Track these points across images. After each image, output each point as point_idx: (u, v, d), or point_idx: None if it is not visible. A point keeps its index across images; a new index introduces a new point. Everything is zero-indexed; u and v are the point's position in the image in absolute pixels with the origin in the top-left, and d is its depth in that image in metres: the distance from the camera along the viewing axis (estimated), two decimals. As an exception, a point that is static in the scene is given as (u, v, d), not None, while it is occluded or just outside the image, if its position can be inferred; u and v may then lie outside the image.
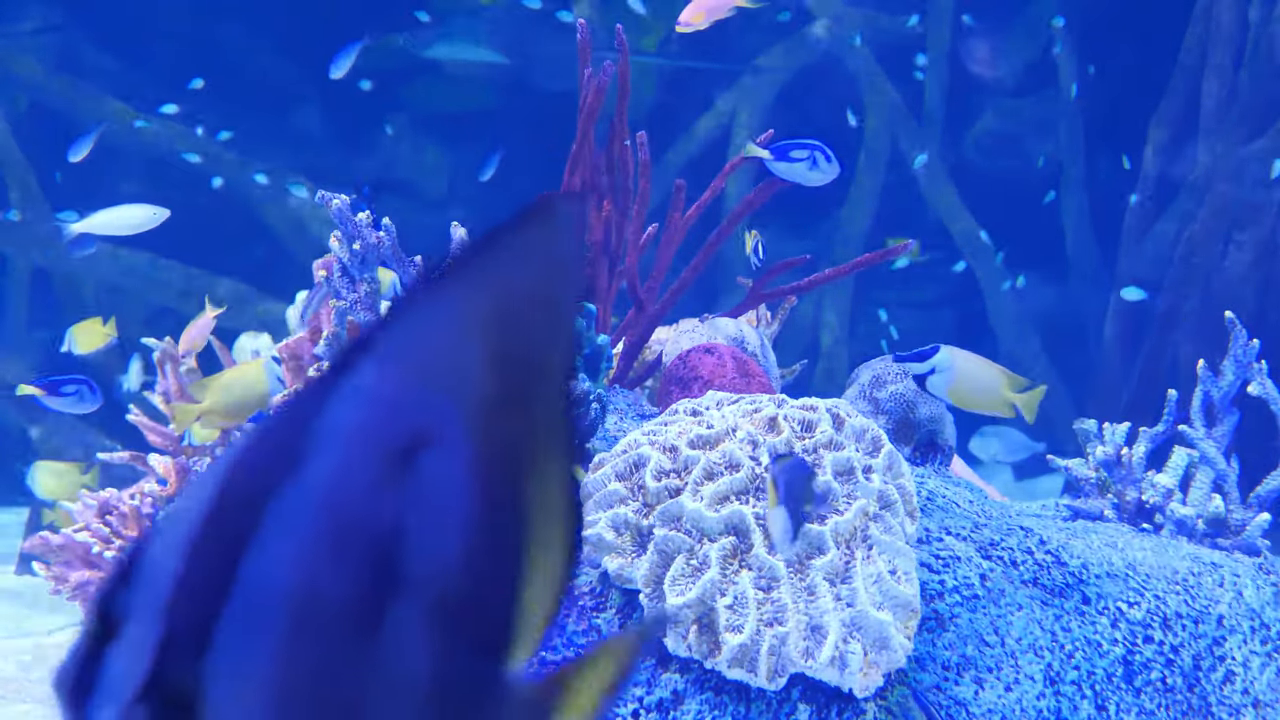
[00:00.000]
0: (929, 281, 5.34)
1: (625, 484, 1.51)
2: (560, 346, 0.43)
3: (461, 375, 0.42)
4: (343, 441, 0.40)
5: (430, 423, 0.41)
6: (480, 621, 0.42)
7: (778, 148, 2.14)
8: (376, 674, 0.40)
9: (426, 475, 0.41)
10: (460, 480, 0.41)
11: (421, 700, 0.41)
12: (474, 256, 0.41)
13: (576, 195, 0.43)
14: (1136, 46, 5.00)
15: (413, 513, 0.41)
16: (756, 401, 1.63)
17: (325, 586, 0.39)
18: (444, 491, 0.41)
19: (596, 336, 1.88)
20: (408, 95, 5.32)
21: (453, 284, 0.41)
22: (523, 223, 0.42)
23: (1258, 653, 1.72)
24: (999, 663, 1.55)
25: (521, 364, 0.42)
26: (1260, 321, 3.69)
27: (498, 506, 0.42)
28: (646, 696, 1.40)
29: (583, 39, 2.13)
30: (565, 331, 0.43)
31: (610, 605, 1.49)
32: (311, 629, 0.39)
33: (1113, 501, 2.02)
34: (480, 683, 0.42)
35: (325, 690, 0.39)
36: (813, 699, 1.39)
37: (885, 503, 1.50)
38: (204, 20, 5.13)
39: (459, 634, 0.41)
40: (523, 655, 0.43)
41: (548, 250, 0.42)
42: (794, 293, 2.27)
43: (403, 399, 0.41)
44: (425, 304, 0.41)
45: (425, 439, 0.41)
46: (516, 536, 0.43)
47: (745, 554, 1.41)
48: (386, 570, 0.40)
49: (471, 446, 0.42)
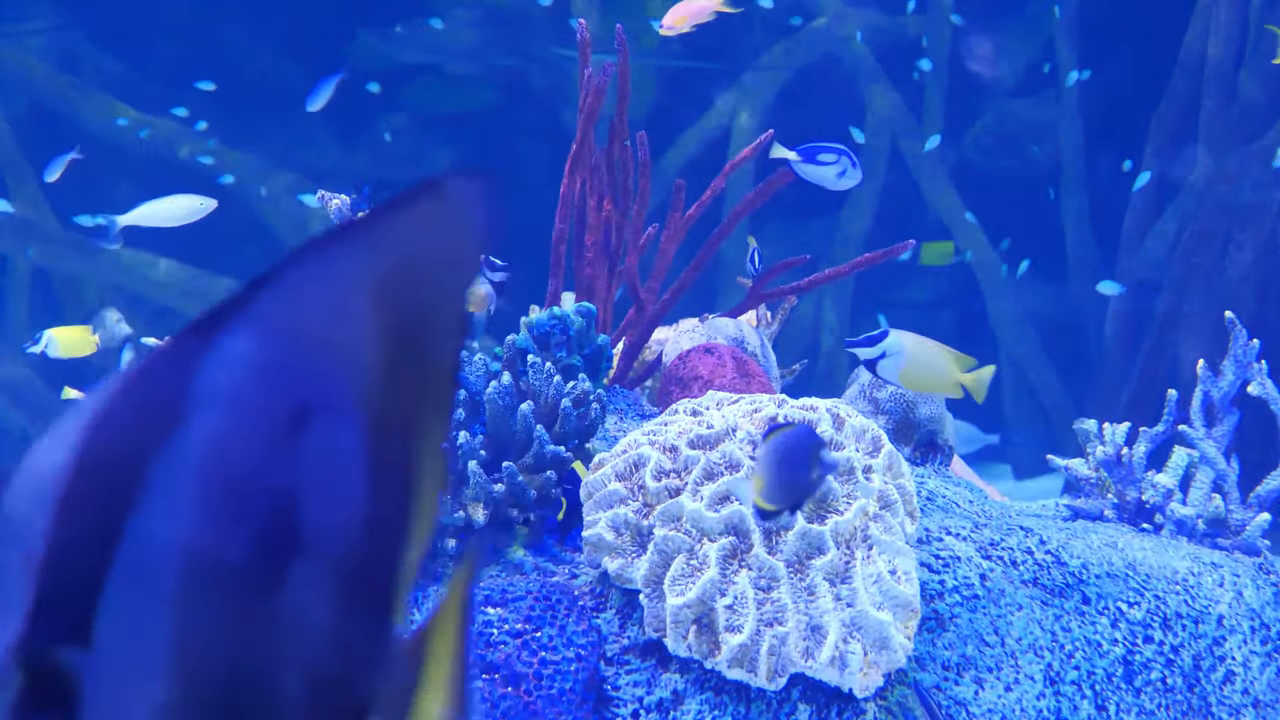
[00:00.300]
0: (929, 282, 5.34)
1: (625, 484, 1.51)
2: (450, 319, 0.44)
3: (350, 345, 0.42)
4: (227, 405, 0.40)
5: (318, 391, 0.41)
6: (375, 583, 0.43)
7: (804, 150, 2.16)
8: (277, 636, 0.40)
9: (318, 441, 0.41)
10: (353, 446, 0.42)
11: (322, 661, 0.41)
12: (359, 228, 0.41)
13: (480, 175, 0.43)
14: (1136, 46, 4.99)
15: (307, 476, 0.40)
16: (756, 401, 1.63)
17: (221, 548, 0.39)
18: (337, 457, 0.41)
19: (596, 336, 1.88)
20: (408, 95, 5.32)
21: (339, 254, 0.41)
22: (411, 198, 0.42)
23: (1258, 653, 1.72)
24: (999, 663, 1.55)
25: (412, 335, 0.43)
26: (1260, 321, 3.69)
27: (390, 472, 0.43)
28: (646, 696, 1.40)
29: (583, 39, 2.13)
30: (456, 305, 0.44)
31: (610, 605, 1.49)
32: (208, 591, 0.38)
33: (1113, 501, 2.02)
34: (375, 642, 0.43)
35: (224, 653, 0.39)
36: (813, 699, 1.39)
37: (885, 503, 1.50)
38: (204, 20, 5.13)
39: (356, 595, 0.42)
40: (401, 615, 0.44)
41: (438, 225, 0.42)
42: (794, 293, 2.27)
43: (288, 366, 0.41)
44: (309, 271, 0.41)
45: (313, 407, 0.41)
46: (406, 500, 0.43)
47: (745, 554, 1.41)
48: (285, 532, 0.40)
49: (363, 414, 0.42)
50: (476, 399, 1.64)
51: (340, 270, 0.41)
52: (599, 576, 1.52)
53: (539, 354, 1.78)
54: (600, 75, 2.09)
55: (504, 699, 1.32)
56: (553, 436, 1.64)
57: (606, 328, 2.19)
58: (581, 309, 1.86)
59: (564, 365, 1.81)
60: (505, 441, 1.63)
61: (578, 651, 1.38)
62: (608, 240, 2.18)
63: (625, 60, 2.13)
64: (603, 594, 1.50)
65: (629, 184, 2.18)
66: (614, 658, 1.44)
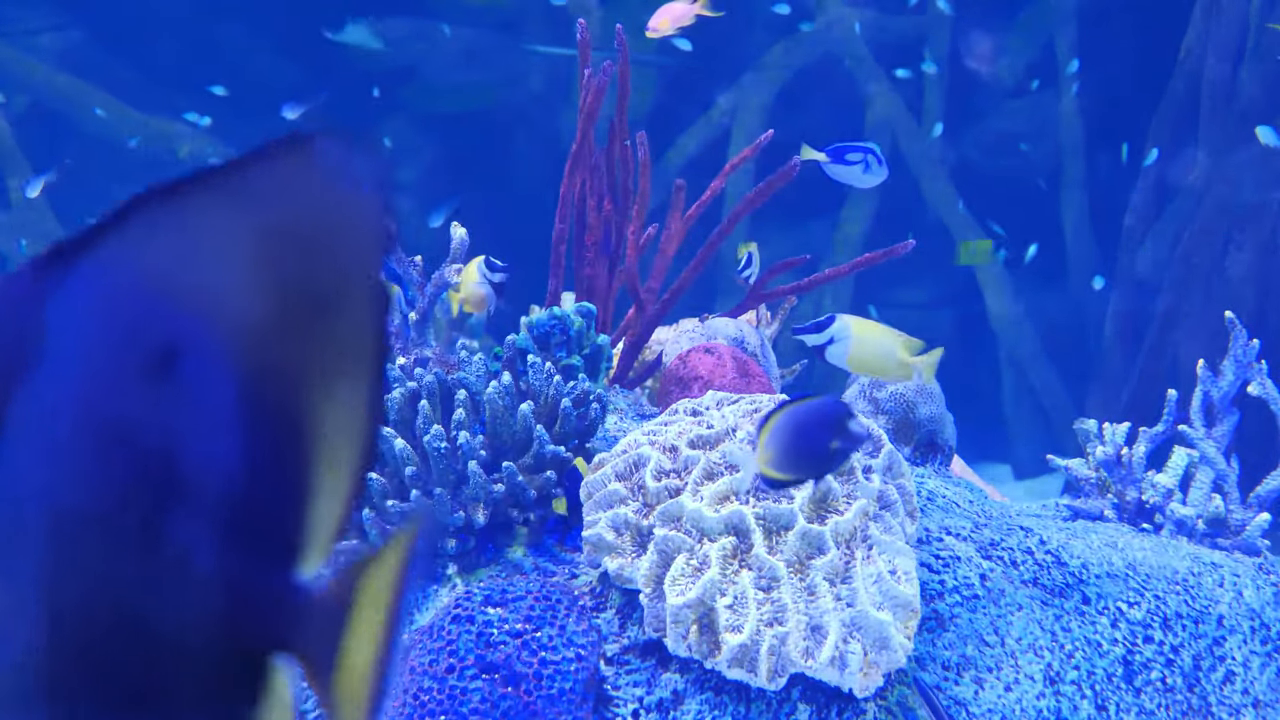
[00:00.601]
0: (929, 282, 5.34)
1: (625, 484, 1.51)
2: (355, 286, 0.43)
3: (216, 292, 0.41)
4: (84, 347, 0.39)
5: (181, 334, 0.41)
6: (265, 530, 0.43)
7: (831, 150, 2.21)
8: (156, 581, 0.39)
9: (188, 385, 0.41)
10: (228, 395, 0.41)
11: (207, 606, 0.41)
12: (212, 175, 0.41)
13: (349, 135, 0.43)
14: (1136, 46, 5.00)
15: (179, 422, 0.40)
16: (756, 401, 1.63)
17: (92, 494, 0.38)
18: (211, 404, 0.41)
19: (596, 336, 1.88)
20: (407, 95, 5.32)
21: (191, 199, 0.41)
22: (271, 152, 0.41)
23: (1258, 653, 1.72)
24: (999, 662, 1.55)
25: (306, 296, 0.43)
26: (1260, 321, 3.69)
27: (279, 423, 0.43)
28: (646, 696, 1.40)
29: (583, 39, 2.13)
30: (357, 272, 0.43)
31: (610, 605, 1.49)
32: (77, 538, 0.38)
33: (1113, 501, 2.02)
34: (268, 587, 0.43)
35: (99, 599, 0.39)
36: (813, 699, 1.39)
37: (885, 503, 1.50)
38: (205, 20, 5.13)
39: (243, 541, 0.42)
40: (314, 563, 0.44)
41: (309, 182, 0.42)
42: (794, 293, 2.27)
43: (145, 308, 0.40)
44: (158, 214, 0.40)
45: (178, 349, 0.40)
46: (299, 452, 0.43)
47: (745, 554, 1.41)
48: (159, 478, 0.40)
49: (238, 364, 0.42)
50: (476, 399, 1.63)
51: (195, 215, 0.41)
52: (599, 576, 1.52)
53: (539, 354, 1.78)
54: (600, 75, 2.09)
55: (504, 699, 1.32)
56: (553, 436, 1.64)
57: (606, 328, 2.19)
58: (581, 309, 1.86)
59: (564, 365, 1.81)
60: (505, 441, 1.63)
61: (578, 651, 1.38)
62: (608, 240, 2.18)
63: (625, 60, 2.13)
64: (603, 594, 1.50)
65: (629, 184, 2.18)
66: (614, 658, 1.44)
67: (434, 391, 1.63)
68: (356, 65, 5.11)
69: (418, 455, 1.57)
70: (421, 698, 1.33)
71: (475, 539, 1.60)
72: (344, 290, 0.43)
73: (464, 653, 1.35)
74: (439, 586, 1.57)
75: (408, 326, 1.88)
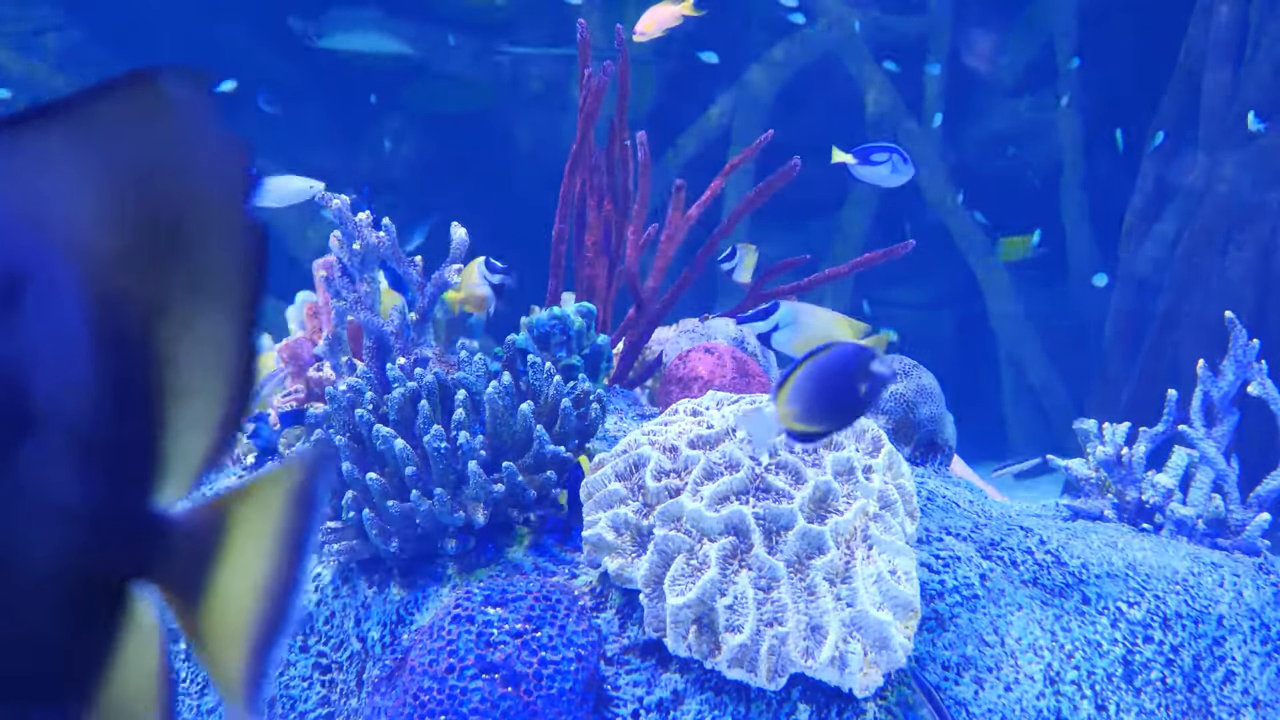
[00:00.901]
0: (929, 282, 5.34)
1: (625, 484, 1.51)
2: (212, 215, 0.43)
3: (60, 221, 0.41)
4: None
5: (24, 264, 0.41)
6: (116, 458, 0.43)
7: (857, 152, 2.24)
8: (5, 509, 0.40)
9: (33, 316, 0.41)
10: (75, 323, 0.41)
11: (56, 532, 0.41)
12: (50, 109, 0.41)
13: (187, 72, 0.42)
14: (1136, 46, 5.00)
15: (24, 350, 0.40)
16: (756, 401, 1.63)
17: None
18: (57, 332, 0.41)
19: (596, 336, 1.88)
20: (407, 95, 5.32)
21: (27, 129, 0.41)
22: (111, 86, 0.41)
23: (1258, 653, 1.72)
24: (999, 662, 1.55)
25: (160, 228, 0.42)
26: (1260, 321, 3.69)
27: (125, 353, 0.43)
28: (646, 696, 1.40)
29: (582, 38, 2.13)
30: (214, 201, 0.43)
31: (610, 605, 1.49)
32: None
33: (1113, 501, 2.02)
34: (119, 514, 0.43)
35: None
36: (813, 699, 1.39)
37: (885, 503, 1.50)
38: (205, 19, 5.13)
39: (92, 469, 0.42)
40: (174, 492, 0.44)
41: (153, 116, 0.42)
42: (794, 292, 2.27)
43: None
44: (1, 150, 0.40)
45: (21, 279, 0.40)
46: (149, 382, 0.43)
47: (745, 554, 1.41)
48: (4, 405, 0.40)
49: (85, 293, 0.42)
50: (476, 399, 1.64)
51: (36, 145, 0.41)
52: (599, 576, 1.52)
53: (539, 354, 1.78)
54: (600, 75, 2.09)
55: (504, 699, 1.32)
56: (553, 436, 1.64)
57: (606, 328, 2.19)
58: (581, 309, 1.86)
59: (564, 365, 1.81)
60: (505, 441, 1.63)
61: (578, 651, 1.38)
62: (608, 240, 2.18)
63: (625, 60, 2.13)
64: (603, 594, 1.50)
65: (629, 184, 2.18)
66: (614, 658, 1.44)
67: (434, 391, 1.63)
68: (355, 65, 5.12)
69: (418, 455, 1.57)
70: (421, 697, 1.33)
71: (475, 539, 1.60)
72: (200, 224, 0.43)
73: (464, 652, 1.35)
74: (439, 586, 1.57)
75: (408, 326, 1.88)
